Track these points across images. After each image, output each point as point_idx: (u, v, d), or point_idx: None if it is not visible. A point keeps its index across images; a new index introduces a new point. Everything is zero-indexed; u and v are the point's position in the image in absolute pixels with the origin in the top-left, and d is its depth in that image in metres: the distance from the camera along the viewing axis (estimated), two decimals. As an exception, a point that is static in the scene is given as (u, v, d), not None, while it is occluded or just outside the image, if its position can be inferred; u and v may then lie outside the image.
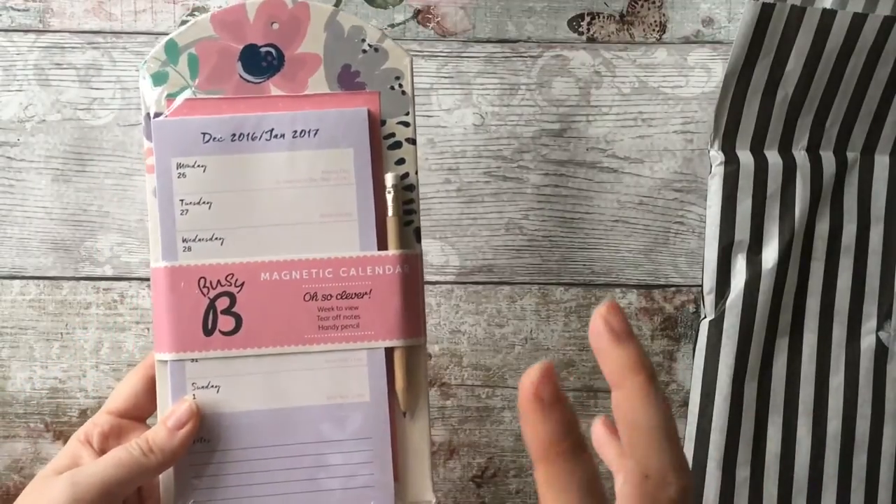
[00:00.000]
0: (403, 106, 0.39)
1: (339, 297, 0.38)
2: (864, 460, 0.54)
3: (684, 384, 0.56)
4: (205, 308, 0.38)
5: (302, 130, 0.38)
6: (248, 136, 0.38)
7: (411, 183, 0.39)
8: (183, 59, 0.38)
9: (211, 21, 0.39)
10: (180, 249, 0.38)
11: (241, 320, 0.38)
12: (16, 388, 0.55)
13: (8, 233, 0.54)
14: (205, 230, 0.38)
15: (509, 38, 0.54)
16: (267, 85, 0.39)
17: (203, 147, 0.38)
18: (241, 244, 0.38)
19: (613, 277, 0.55)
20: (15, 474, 0.55)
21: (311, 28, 0.39)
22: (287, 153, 0.38)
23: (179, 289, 0.38)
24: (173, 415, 0.37)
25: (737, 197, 0.52)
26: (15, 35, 0.53)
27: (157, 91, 0.38)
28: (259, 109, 0.38)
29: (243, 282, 0.38)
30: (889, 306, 0.54)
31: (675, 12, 0.54)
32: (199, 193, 0.38)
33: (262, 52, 0.39)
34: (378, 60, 0.39)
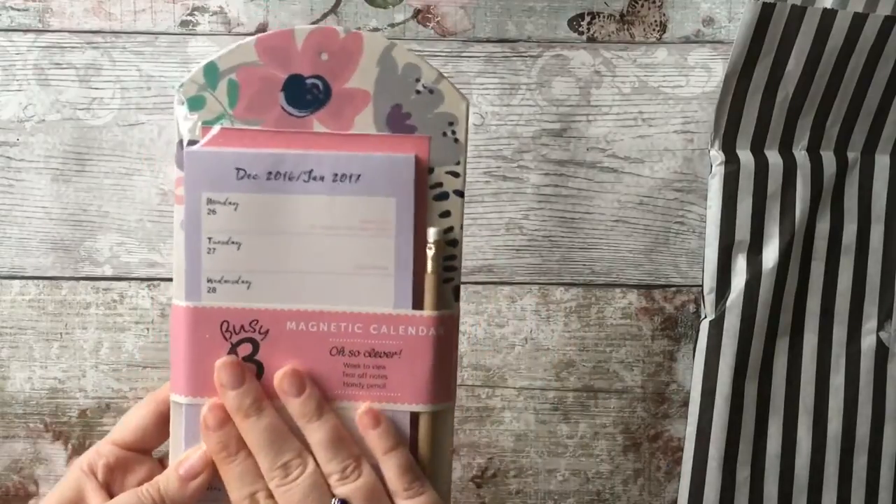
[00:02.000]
0: (455, 154, 0.37)
1: (367, 355, 0.36)
2: (864, 460, 0.54)
3: (684, 384, 0.56)
4: (226, 353, 0.36)
5: (343, 174, 0.35)
6: (285, 175, 0.35)
7: (455, 238, 0.37)
8: (223, 84, 0.36)
9: (256, 46, 0.36)
10: (204, 290, 0.36)
11: (264, 369, 0.36)
12: (15, 389, 0.55)
13: (7, 233, 0.54)
14: (232, 272, 0.36)
15: (509, 37, 0.54)
16: (310, 120, 0.36)
17: (236, 184, 0.35)
18: (269, 289, 0.36)
19: (613, 277, 0.55)
20: (14, 474, 0.55)
21: (362, 62, 0.36)
22: (325, 197, 0.35)
23: (201, 331, 0.36)
24: (186, 463, 0.36)
25: (737, 197, 0.52)
26: (14, 35, 0.53)
27: (192, 117, 0.36)
28: (299, 146, 0.36)
29: (268, 329, 0.36)
30: (889, 306, 0.54)
31: (675, 12, 0.54)
32: (228, 233, 0.35)
33: (308, 83, 0.36)
34: (432, 103, 0.36)
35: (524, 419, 0.56)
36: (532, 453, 0.56)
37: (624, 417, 0.56)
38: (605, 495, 0.56)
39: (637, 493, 0.56)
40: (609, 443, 0.56)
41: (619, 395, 0.56)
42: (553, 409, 0.56)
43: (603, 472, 0.56)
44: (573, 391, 0.56)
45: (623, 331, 0.56)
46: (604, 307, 0.55)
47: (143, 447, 0.38)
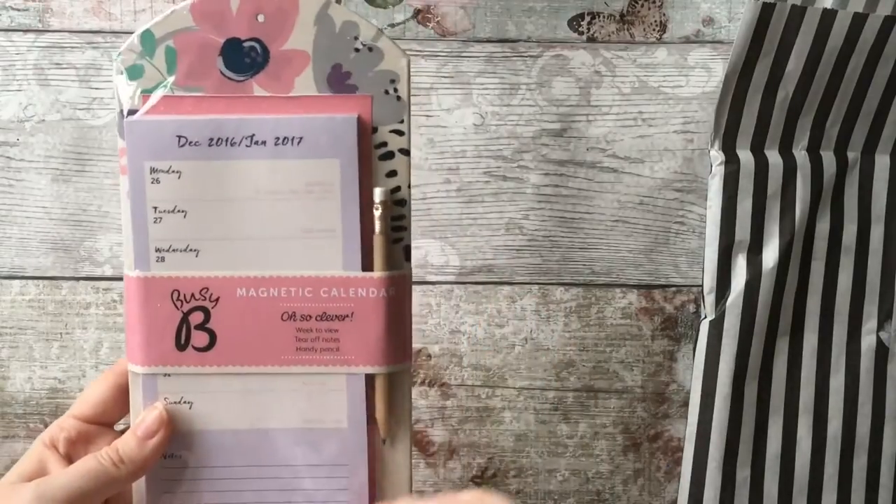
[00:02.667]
0: (398, 112, 0.36)
1: (318, 319, 0.36)
2: (864, 461, 0.54)
3: (684, 384, 0.56)
4: (178, 322, 0.36)
5: (285, 138, 0.35)
6: (226, 140, 0.35)
7: (403, 197, 0.37)
8: (160, 51, 0.36)
9: (191, 10, 0.35)
10: (153, 259, 0.36)
11: (216, 337, 0.36)
12: (15, 389, 0.55)
13: (7, 233, 0.54)
14: (179, 240, 0.36)
15: (509, 37, 0.54)
16: (250, 84, 0.36)
17: (178, 151, 0.35)
18: (218, 257, 0.36)
19: (613, 277, 0.55)
20: (14, 474, 0.55)
21: (299, 22, 0.35)
22: (268, 161, 0.35)
23: (152, 300, 0.36)
24: (142, 423, 0.36)
25: (737, 197, 0.52)
26: (14, 35, 0.53)
27: (132, 86, 0.35)
28: (240, 111, 0.35)
29: (218, 297, 0.36)
30: (889, 306, 0.54)
31: (675, 12, 0.54)
32: (173, 201, 0.35)
33: (246, 46, 0.36)
34: (372, 61, 0.36)
35: (524, 419, 0.56)
36: (532, 453, 0.56)
37: (624, 417, 0.56)
38: (605, 495, 0.56)
39: (637, 493, 0.56)
40: (609, 443, 0.56)
41: (619, 395, 0.56)
42: (553, 409, 0.56)
43: (603, 472, 0.56)
44: (573, 391, 0.56)
45: (623, 331, 0.56)
46: (604, 307, 0.55)
47: (103, 420, 0.38)
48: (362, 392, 0.37)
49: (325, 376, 0.36)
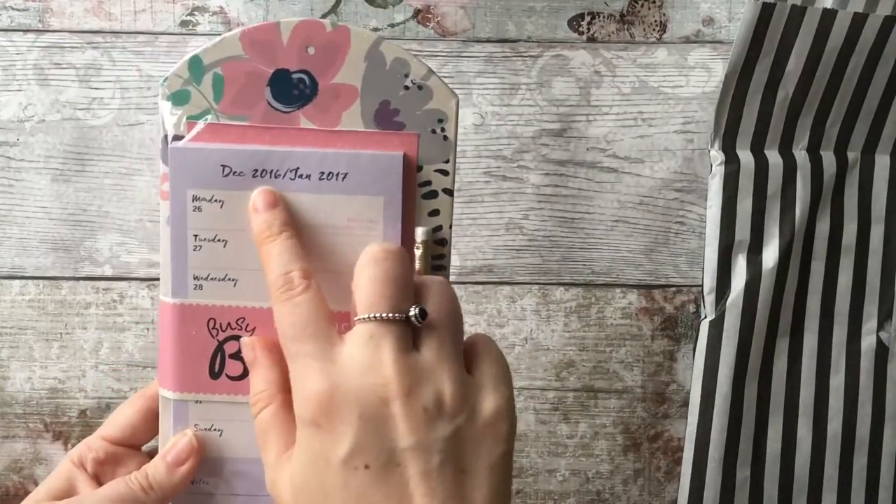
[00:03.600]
0: (444, 152, 0.36)
1: None
2: (864, 461, 0.54)
3: (684, 384, 0.56)
4: (213, 350, 0.36)
5: (330, 173, 0.35)
6: (271, 172, 0.35)
7: (444, 237, 0.36)
8: (207, 78, 0.35)
9: (241, 39, 0.35)
10: (191, 287, 0.35)
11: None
12: (15, 389, 0.55)
13: (7, 233, 0.54)
14: (218, 269, 0.35)
15: (509, 37, 0.54)
16: (297, 115, 0.35)
17: (222, 181, 0.35)
18: (255, 288, 0.35)
19: (613, 277, 0.55)
20: (14, 474, 0.55)
21: (350, 56, 0.35)
22: (312, 196, 0.35)
23: (188, 327, 0.35)
24: (173, 450, 0.36)
25: (737, 197, 0.52)
26: (14, 35, 0.53)
27: (177, 112, 0.35)
28: (286, 142, 0.35)
29: (255, 327, 0.35)
30: (889, 306, 0.54)
31: (675, 12, 0.54)
32: (214, 230, 0.35)
33: (295, 78, 0.35)
34: (421, 99, 0.35)
35: (524, 419, 0.56)
36: (532, 453, 0.56)
37: (624, 417, 0.56)
38: (605, 495, 0.56)
39: (637, 493, 0.56)
40: (609, 443, 0.56)
41: (619, 395, 0.56)
42: (553, 409, 0.56)
43: (603, 472, 0.56)
44: (573, 391, 0.56)
45: (623, 331, 0.56)
46: (604, 307, 0.55)
47: (132, 443, 0.39)
48: None
49: None
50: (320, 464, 0.28)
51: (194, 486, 0.36)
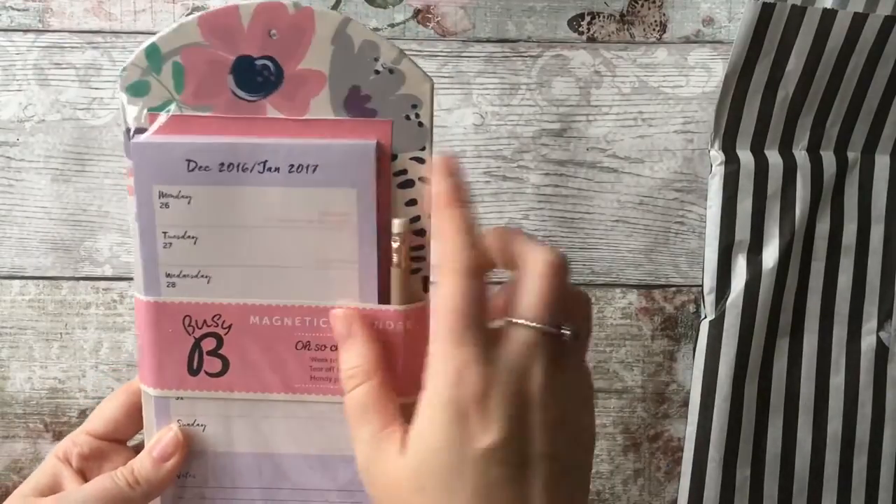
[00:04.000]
0: (419, 139, 0.34)
1: (334, 349, 0.35)
2: (864, 461, 0.54)
3: (684, 384, 0.56)
4: (190, 348, 0.35)
5: (299, 165, 0.33)
6: (238, 166, 0.33)
7: (422, 227, 0.35)
8: (167, 67, 0.33)
9: (199, 24, 0.33)
10: (164, 284, 0.34)
11: (229, 363, 0.35)
12: (15, 389, 0.55)
13: (7, 233, 0.54)
14: (190, 266, 0.34)
15: (509, 37, 0.54)
16: (263, 104, 0.34)
17: (188, 176, 0.33)
18: (230, 284, 0.34)
19: (613, 277, 0.55)
20: (14, 474, 0.55)
21: (315, 40, 0.33)
22: (282, 189, 0.33)
23: (163, 325, 0.35)
24: (158, 445, 0.36)
25: (737, 197, 0.52)
26: (14, 35, 0.53)
27: (138, 103, 0.34)
28: (253, 133, 0.33)
29: (231, 324, 0.35)
30: (889, 306, 0.54)
31: (675, 12, 0.54)
32: (183, 227, 0.34)
33: (258, 65, 0.33)
34: (393, 84, 0.33)
35: (524, 419, 0.56)
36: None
37: (624, 417, 0.56)
38: (605, 495, 0.56)
39: (637, 493, 0.56)
40: (609, 443, 0.56)
41: (619, 395, 0.56)
42: (553, 409, 0.56)
43: (603, 472, 0.56)
44: (573, 391, 0.56)
45: (623, 331, 0.56)
46: (604, 307, 0.55)
47: (116, 437, 0.38)
48: None
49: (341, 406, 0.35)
50: (457, 451, 0.28)
51: (180, 479, 0.36)
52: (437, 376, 0.29)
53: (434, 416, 0.29)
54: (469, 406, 0.28)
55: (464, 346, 0.29)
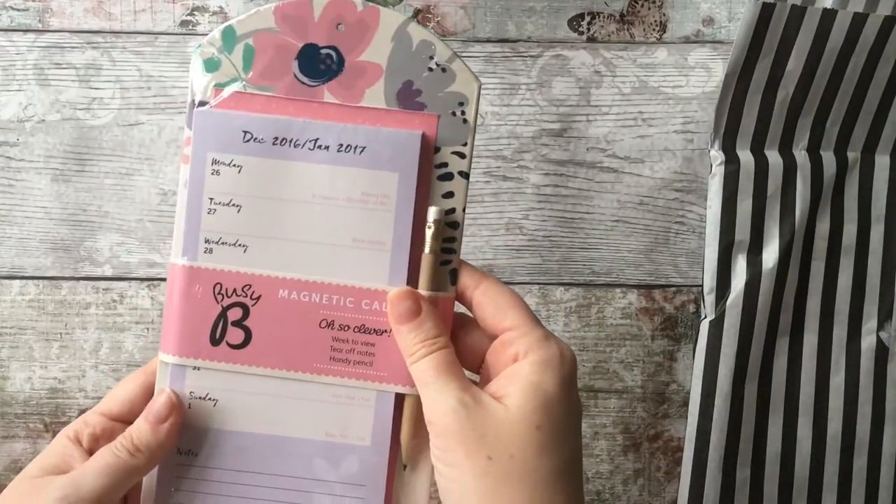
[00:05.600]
0: (462, 135, 0.36)
1: (356, 330, 0.35)
2: (864, 461, 0.54)
3: (684, 384, 0.56)
4: (216, 316, 0.35)
5: (348, 145, 0.35)
6: (290, 141, 0.35)
7: (456, 220, 0.36)
8: (239, 48, 0.36)
9: (274, 12, 0.36)
10: (201, 250, 0.35)
11: (251, 335, 0.36)
12: (15, 389, 0.55)
13: (7, 233, 0.54)
14: (229, 234, 0.35)
15: (509, 37, 0.54)
16: (321, 90, 0.36)
17: (242, 146, 0.35)
18: (265, 255, 0.35)
19: (613, 277, 0.55)
20: (14, 474, 0.55)
21: (377, 36, 0.36)
22: (328, 167, 0.35)
23: (193, 291, 0.35)
24: (153, 408, 0.36)
25: (737, 197, 0.52)
26: (14, 35, 0.53)
27: (206, 78, 0.36)
28: (308, 115, 0.35)
29: (260, 295, 0.35)
30: (889, 306, 0.54)
31: (675, 12, 0.54)
32: (230, 194, 0.35)
33: (322, 53, 0.36)
34: (444, 81, 0.36)
35: (524, 419, 0.56)
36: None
37: (624, 417, 0.56)
38: (605, 495, 0.56)
39: (637, 493, 0.56)
40: (609, 443, 0.56)
41: (619, 395, 0.56)
42: (553, 409, 0.56)
43: (603, 472, 0.56)
44: (573, 391, 0.56)
45: (623, 331, 0.56)
46: (604, 307, 0.55)
47: (129, 418, 0.37)
48: (390, 411, 0.36)
49: (355, 390, 0.36)
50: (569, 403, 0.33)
51: (182, 457, 0.36)
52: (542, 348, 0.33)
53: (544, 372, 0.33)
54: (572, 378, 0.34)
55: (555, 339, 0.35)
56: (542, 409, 0.32)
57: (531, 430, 0.32)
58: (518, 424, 0.32)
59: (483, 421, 0.32)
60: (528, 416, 0.32)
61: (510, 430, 0.32)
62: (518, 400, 0.32)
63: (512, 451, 0.32)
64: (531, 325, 0.34)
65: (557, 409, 0.32)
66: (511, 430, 0.32)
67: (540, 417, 0.32)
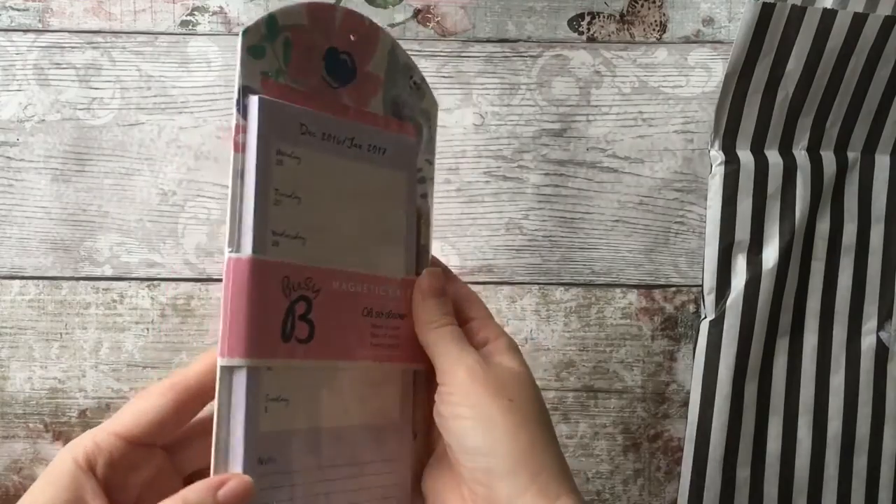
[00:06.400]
0: (430, 146, 0.41)
1: (387, 316, 0.38)
2: (864, 461, 0.54)
3: (684, 384, 0.56)
4: (285, 310, 0.34)
5: (376, 146, 0.38)
6: (334, 138, 0.37)
7: (428, 217, 0.41)
8: (280, 39, 0.36)
9: (305, 9, 0.36)
10: (269, 242, 0.34)
11: (315, 328, 0.35)
12: (15, 389, 0.55)
13: (7, 233, 0.54)
14: (292, 227, 0.35)
15: (509, 37, 0.54)
16: (341, 92, 0.37)
17: (300, 138, 0.35)
18: (320, 248, 0.36)
19: (613, 277, 0.55)
20: (14, 475, 0.55)
21: (378, 50, 0.39)
22: (362, 165, 0.37)
23: (264, 285, 0.34)
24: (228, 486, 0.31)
25: (737, 197, 0.52)
26: (14, 35, 0.53)
27: (253, 65, 0.35)
28: (340, 115, 0.37)
29: (320, 288, 0.35)
30: (889, 306, 0.54)
31: (675, 12, 0.54)
32: (292, 186, 0.35)
33: (342, 58, 0.38)
34: (419, 98, 0.40)
35: (524, 419, 0.56)
36: (532, 453, 0.56)
37: (624, 417, 0.56)
38: (605, 495, 0.56)
39: (637, 493, 0.56)
40: (609, 443, 0.56)
41: (619, 395, 0.56)
42: (553, 409, 0.56)
43: (603, 472, 0.56)
44: (573, 391, 0.56)
45: (623, 331, 0.56)
46: (604, 307, 0.55)
47: (153, 440, 0.34)
48: (410, 387, 0.39)
49: (386, 371, 0.38)
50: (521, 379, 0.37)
51: (262, 467, 0.33)
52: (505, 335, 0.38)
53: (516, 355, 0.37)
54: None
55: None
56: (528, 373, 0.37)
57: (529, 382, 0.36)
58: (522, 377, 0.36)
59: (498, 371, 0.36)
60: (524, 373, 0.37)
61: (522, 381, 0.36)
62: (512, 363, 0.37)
63: (530, 396, 0.36)
64: (491, 317, 0.39)
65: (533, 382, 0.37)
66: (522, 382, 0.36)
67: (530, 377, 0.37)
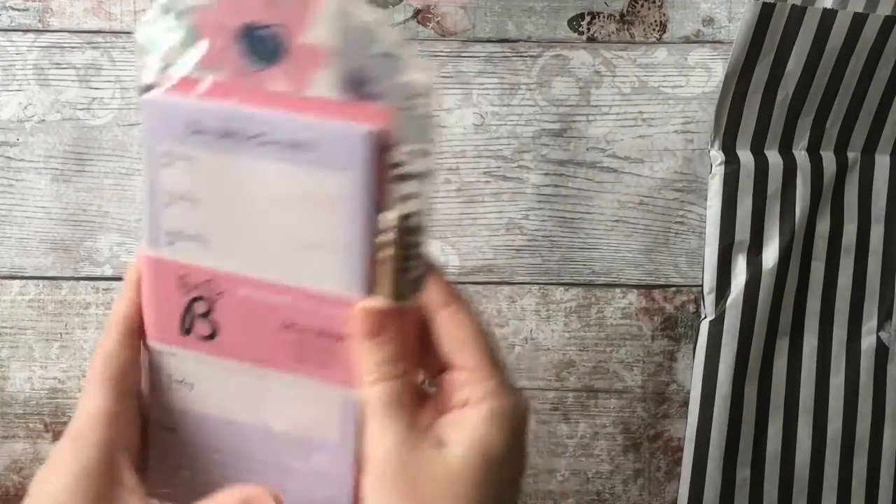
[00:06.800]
0: (422, 130, 0.32)
1: (317, 335, 0.34)
2: (864, 461, 0.54)
3: (684, 384, 0.56)
4: (184, 308, 0.35)
5: (296, 142, 0.32)
6: (237, 135, 0.33)
7: (419, 224, 0.33)
8: (180, 26, 0.33)
9: None
10: (164, 242, 0.35)
11: (218, 329, 0.35)
12: (15, 389, 0.55)
13: (7, 233, 0.54)
14: (189, 227, 0.34)
15: (509, 37, 0.54)
16: (266, 75, 0.32)
17: (190, 137, 0.33)
18: (225, 251, 0.34)
19: (613, 277, 0.55)
20: (14, 475, 0.55)
21: (319, 14, 0.32)
22: (276, 164, 0.32)
23: (160, 281, 0.35)
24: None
25: (737, 197, 0.52)
26: (14, 35, 0.53)
27: (150, 60, 0.33)
28: (254, 103, 0.33)
29: (222, 291, 0.34)
30: (889, 306, 0.54)
31: (675, 12, 0.54)
32: (185, 187, 0.34)
33: (263, 34, 0.32)
34: (390, 71, 0.32)
35: (524, 419, 0.56)
36: (532, 453, 0.56)
37: (624, 417, 0.56)
38: (605, 495, 0.56)
39: (637, 493, 0.56)
40: (609, 443, 0.56)
41: (619, 395, 0.56)
42: (553, 409, 0.56)
43: (603, 472, 0.56)
44: (573, 391, 0.56)
45: (623, 331, 0.56)
46: (604, 307, 0.55)
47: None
48: (355, 413, 0.34)
49: (323, 391, 0.35)
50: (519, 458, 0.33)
51: (164, 433, 0.36)
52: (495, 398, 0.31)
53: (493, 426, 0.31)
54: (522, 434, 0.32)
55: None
56: (484, 467, 0.31)
57: (467, 486, 0.31)
58: (455, 478, 0.31)
59: (420, 467, 0.31)
60: (466, 471, 0.31)
61: (446, 480, 0.31)
62: (460, 451, 0.31)
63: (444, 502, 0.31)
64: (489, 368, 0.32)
65: (499, 468, 0.31)
66: (447, 481, 0.31)
67: (479, 475, 0.31)
